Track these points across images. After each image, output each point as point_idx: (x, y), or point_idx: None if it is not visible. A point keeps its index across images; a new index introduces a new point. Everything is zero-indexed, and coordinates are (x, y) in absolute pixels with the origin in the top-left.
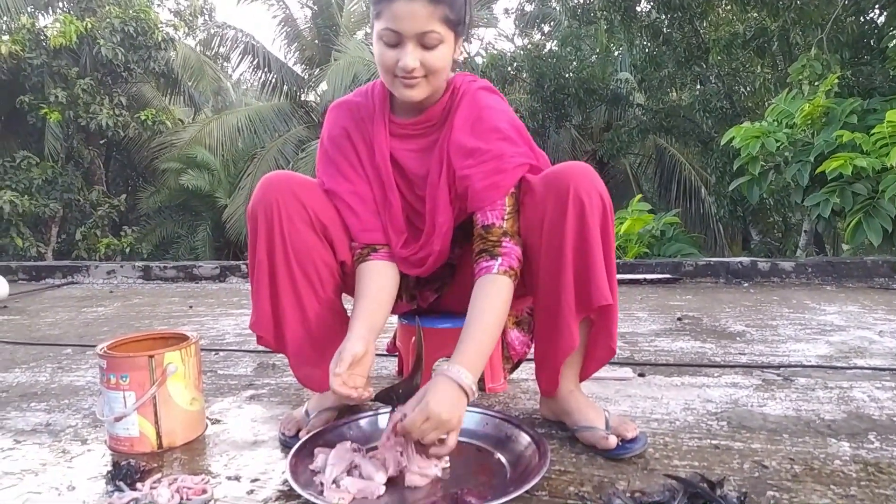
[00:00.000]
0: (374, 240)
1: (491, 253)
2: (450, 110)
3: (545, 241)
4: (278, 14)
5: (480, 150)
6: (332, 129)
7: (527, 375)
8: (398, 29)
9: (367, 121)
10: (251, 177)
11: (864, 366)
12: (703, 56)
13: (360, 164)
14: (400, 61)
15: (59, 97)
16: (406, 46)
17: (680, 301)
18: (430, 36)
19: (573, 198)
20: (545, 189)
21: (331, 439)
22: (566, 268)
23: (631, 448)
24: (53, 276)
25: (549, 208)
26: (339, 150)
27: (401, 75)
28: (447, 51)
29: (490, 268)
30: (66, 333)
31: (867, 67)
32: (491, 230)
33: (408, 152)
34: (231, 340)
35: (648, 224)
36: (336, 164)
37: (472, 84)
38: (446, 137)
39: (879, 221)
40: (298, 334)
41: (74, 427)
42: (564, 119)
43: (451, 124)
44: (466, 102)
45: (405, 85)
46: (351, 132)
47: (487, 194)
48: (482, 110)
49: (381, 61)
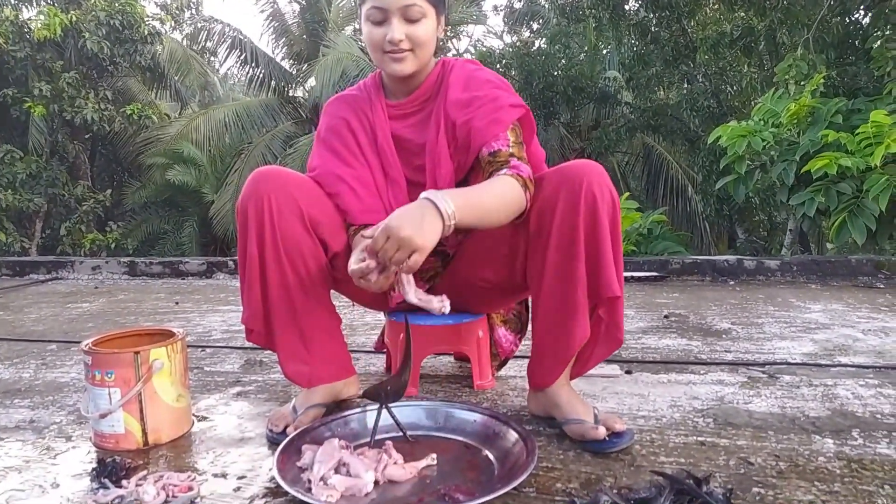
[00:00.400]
0: (374, 220)
1: (500, 169)
2: (441, 81)
3: (556, 233)
4: (266, 9)
5: (477, 98)
6: (331, 120)
7: (514, 372)
8: (382, 5)
9: (365, 110)
10: (238, 172)
11: (847, 363)
12: (690, 55)
13: (361, 151)
14: (387, 35)
15: (44, 91)
16: (392, 21)
17: (667, 299)
18: (413, 9)
19: (586, 191)
20: (557, 183)
21: (318, 436)
22: (579, 259)
23: (618, 442)
24: (38, 272)
25: (561, 201)
26: (340, 139)
27: (388, 49)
28: (430, 24)
29: (499, 173)
30: (51, 329)
31: (852, 68)
32: (498, 154)
33: (407, 128)
34: (218, 337)
35: (636, 222)
36: (336, 151)
37: (459, 59)
38: (442, 101)
39: (863, 220)
40: (288, 329)
41: (59, 424)
42: (553, 117)
43: (447, 87)
44: (457, 69)
45: (393, 59)
46: (350, 121)
47: (489, 129)
48: (473, 71)
49: (369, 40)
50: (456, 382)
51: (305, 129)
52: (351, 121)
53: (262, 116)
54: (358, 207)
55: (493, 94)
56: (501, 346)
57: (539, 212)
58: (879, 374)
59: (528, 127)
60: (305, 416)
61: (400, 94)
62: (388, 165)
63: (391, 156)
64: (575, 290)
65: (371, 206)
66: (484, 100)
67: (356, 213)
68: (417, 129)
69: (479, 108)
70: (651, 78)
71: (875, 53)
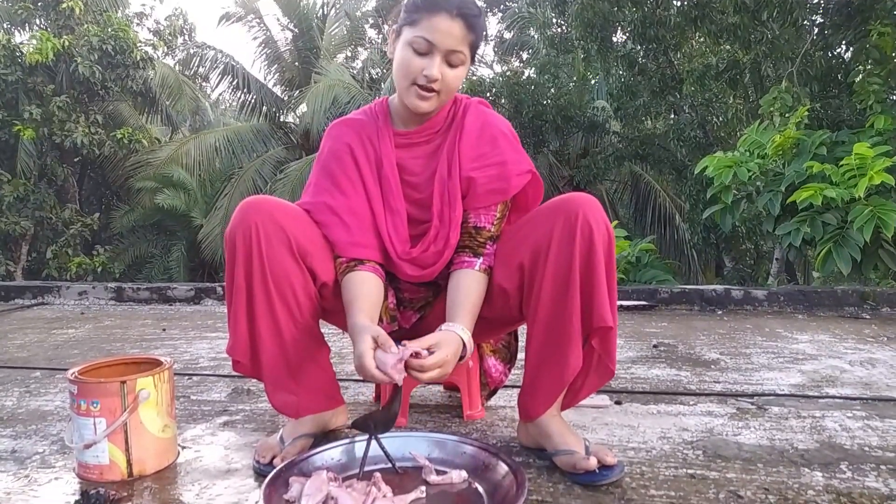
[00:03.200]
0: (362, 255)
1: (475, 251)
2: (454, 117)
3: (552, 264)
4: (259, 36)
5: (485, 155)
6: (335, 144)
7: (504, 402)
8: (433, 40)
9: (371, 136)
10: (228, 197)
11: (835, 395)
12: (677, 86)
13: (360, 179)
14: (425, 70)
15: (34, 114)
16: (434, 58)
17: (656, 328)
18: (457, 55)
19: (582, 223)
20: (553, 215)
21: (306, 468)
22: (573, 290)
23: (609, 475)
24: (23, 297)
25: (557, 233)
26: (340, 165)
27: (421, 83)
28: (463, 73)
29: (472, 264)
30: (35, 356)
31: (835, 101)
32: (480, 232)
33: (413, 159)
34: (205, 364)
35: (625, 250)
36: (334, 177)
37: (471, 98)
38: (455, 139)
39: (849, 251)
40: (275, 360)
41: (42, 454)
42: (542, 145)
43: (462, 127)
44: (473, 111)
45: (420, 96)
46: (354, 148)
47: (486, 199)
48: (487, 118)
49: (404, 66)
50: (445, 412)
51: (296, 155)
52: (355, 147)
53: (253, 141)
54: (346, 240)
55: (502, 157)
56: (491, 375)
57: (535, 244)
58: (867, 406)
59: (536, 189)
60: (293, 446)
61: (410, 123)
62: (389, 195)
63: (395, 186)
64: (570, 320)
65: (360, 240)
66: (492, 160)
67: (343, 245)
68: (422, 161)
69: (485, 167)
70: (639, 108)
71: (857, 87)
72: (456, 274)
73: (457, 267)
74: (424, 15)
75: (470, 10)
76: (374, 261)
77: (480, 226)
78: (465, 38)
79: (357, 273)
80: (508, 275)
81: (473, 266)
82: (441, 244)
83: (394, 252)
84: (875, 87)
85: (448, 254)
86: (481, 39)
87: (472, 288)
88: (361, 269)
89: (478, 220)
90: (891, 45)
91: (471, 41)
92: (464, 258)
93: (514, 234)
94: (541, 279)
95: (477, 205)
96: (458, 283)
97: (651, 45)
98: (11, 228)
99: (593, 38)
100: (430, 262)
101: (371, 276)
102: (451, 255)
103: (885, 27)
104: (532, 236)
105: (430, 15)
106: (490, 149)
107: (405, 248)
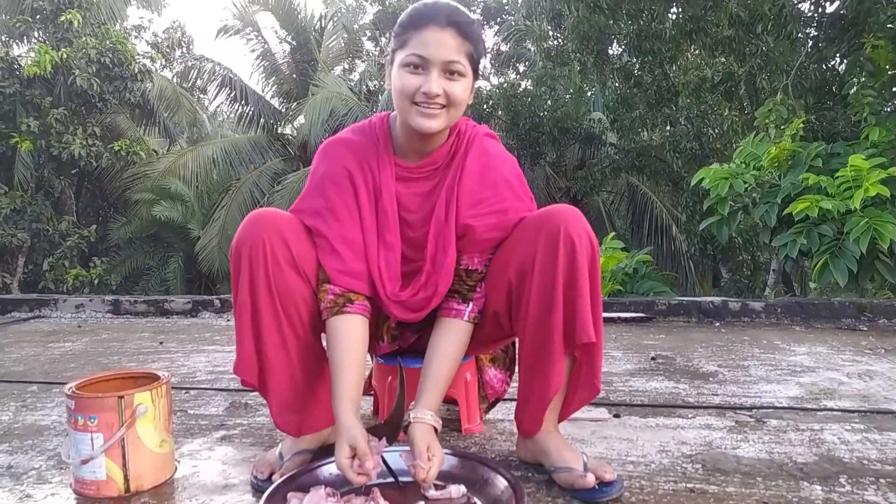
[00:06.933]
0: (352, 286)
1: (464, 297)
2: (455, 153)
3: (536, 280)
4: (257, 48)
5: (486, 201)
6: (332, 166)
7: (503, 416)
8: (425, 55)
9: (371, 163)
10: (226, 209)
11: (833, 407)
12: (672, 98)
13: (358, 207)
14: (423, 87)
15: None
16: (431, 73)
17: (653, 340)
18: (455, 66)
19: (564, 237)
20: (536, 229)
21: (305, 483)
22: (556, 306)
23: (608, 491)
24: (20, 310)
25: (541, 248)
26: (337, 190)
27: (421, 101)
28: (468, 85)
29: (461, 312)
30: (32, 370)
31: (830, 113)
32: (471, 275)
33: (411, 195)
34: (202, 378)
35: (622, 262)
36: (330, 203)
37: (476, 129)
38: (454, 179)
39: (845, 262)
40: (282, 381)
41: (38, 469)
42: (539, 157)
43: (462, 167)
44: (476, 148)
45: (423, 114)
46: (354, 174)
47: (483, 245)
48: (490, 159)
49: (402, 87)
50: (443, 426)
51: (293, 167)
52: (354, 173)
53: (251, 153)
54: (335, 268)
55: (502, 203)
56: (493, 386)
57: (520, 263)
58: (865, 419)
59: None
60: (292, 462)
61: (411, 153)
62: (386, 230)
63: (392, 221)
64: (552, 337)
65: (351, 270)
66: (491, 207)
67: (334, 273)
68: (420, 198)
69: (484, 214)
70: (635, 120)
71: (851, 99)
72: (441, 324)
73: (444, 314)
74: (412, 32)
75: (460, 18)
76: (363, 294)
77: (472, 269)
78: (459, 47)
79: (345, 319)
80: (497, 296)
81: (462, 315)
82: (430, 291)
83: (383, 291)
84: (869, 99)
85: (436, 301)
86: (482, 49)
87: (450, 350)
88: (350, 310)
89: (470, 263)
90: (884, 57)
91: (467, 50)
92: (453, 305)
93: (501, 254)
94: (527, 297)
95: (472, 249)
96: (438, 344)
97: (647, 58)
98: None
99: (589, 51)
100: (418, 307)
101: (358, 323)
102: (439, 302)
103: (878, 40)
104: (517, 254)
105: (418, 31)
106: (491, 194)
107: (395, 288)
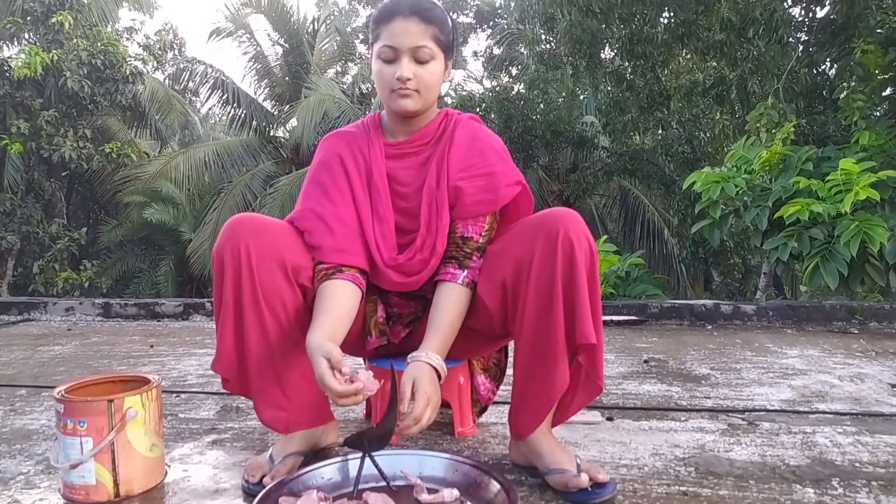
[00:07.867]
0: (346, 261)
1: (460, 263)
2: (444, 129)
3: (534, 281)
4: (249, 51)
5: (475, 166)
6: (325, 154)
7: (496, 419)
8: (394, 44)
9: (362, 147)
10: (217, 211)
11: (825, 410)
12: (664, 102)
13: (349, 188)
14: (396, 73)
15: (22, 128)
16: (402, 60)
17: (646, 343)
18: (423, 51)
19: (563, 239)
20: (534, 231)
21: (296, 487)
22: (557, 306)
23: (601, 493)
24: (9, 313)
25: (539, 249)
26: (329, 174)
27: (396, 88)
28: (438, 68)
29: (456, 276)
30: (21, 374)
31: (821, 117)
32: (467, 242)
33: (403, 169)
34: (193, 382)
35: (614, 265)
36: (323, 186)
37: (463, 114)
38: (445, 150)
39: (836, 265)
40: (264, 375)
41: (26, 474)
42: (532, 160)
43: (452, 139)
44: (463, 125)
45: (400, 95)
46: (345, 158)
47: (474, 209)
48: (477, 132)
49: (379, 78)
50: (436, 429)
51: (286, 169)
52: (345, 157)
53: (243, 156)
54: (330, 246)
55: (490, 168)
56: (480, 393)
57: (517, 262)
58: (857, 422)
59: (526, 203)
60: (283, 465)
61: (399, 134)
62: (378, 203)
63: (384, 195)
64: (554, 337)
65: (345, 246)
66: (480, 170)
67: (327, 250)
68: (412, 171)
69: (473, 177)
70: (627, 123)
71: (842, 104)
72: (438, 287)
73: (441, 278)
74: (383, 25)
75: (422, 5)
76: (357, 268)
77: (468, 236)
78: (424, 32)
79: (333, 282)
80: (491, 291)
81: (457, 279)
82: (427, 252)
83: (380, 259)
84: (859, 103)
85: (434, 262)
86: (448, 29)
87: (450, 306)
88: (339, 277)
89: (465, 231)
90: (874, 62)
91: (432, 34)
92: (448, 269)
93: (497, 250)
94: (524, 297)
95: (465, 215)
96: (438, 301)
97: (639, 62)
98: None
99: (582, 55)
100: (415, 270)
101: (347, 286)
102: (437, 264)
103: (868, 45)
104: (514, 253)
105: (386, 23)
106: (479, 160)
107: (392, 254)
